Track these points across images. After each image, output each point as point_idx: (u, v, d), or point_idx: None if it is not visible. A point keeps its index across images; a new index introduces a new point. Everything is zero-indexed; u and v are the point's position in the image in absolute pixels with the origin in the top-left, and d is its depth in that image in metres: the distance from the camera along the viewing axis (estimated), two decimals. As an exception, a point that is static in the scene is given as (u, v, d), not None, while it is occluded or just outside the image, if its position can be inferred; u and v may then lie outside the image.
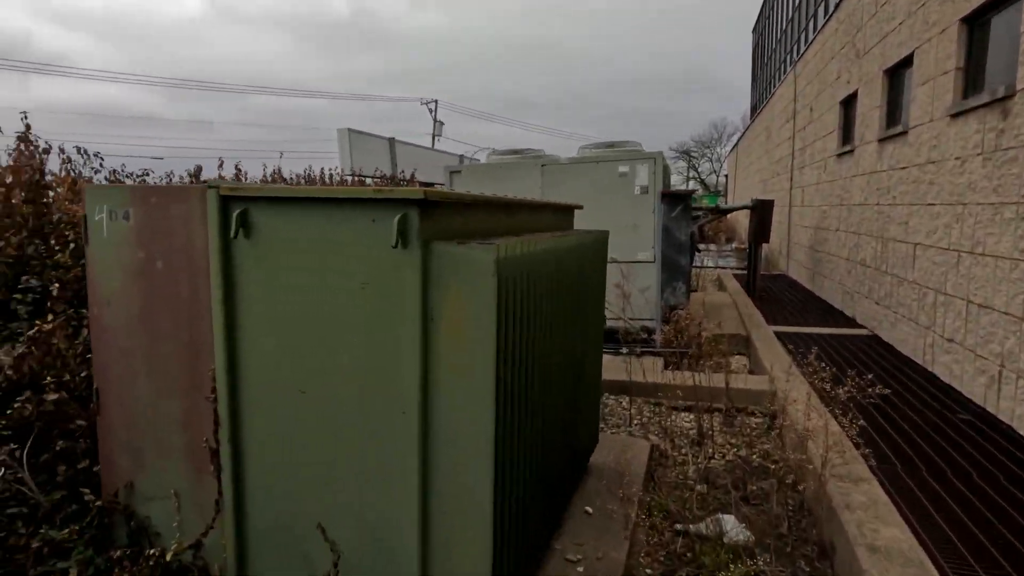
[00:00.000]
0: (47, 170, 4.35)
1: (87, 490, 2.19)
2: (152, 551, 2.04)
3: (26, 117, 4.32)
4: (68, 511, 2.37)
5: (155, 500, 2.09)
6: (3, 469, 2.24)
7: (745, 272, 9.85)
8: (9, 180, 4.02)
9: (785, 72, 16.15)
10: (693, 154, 52.62)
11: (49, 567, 2.17)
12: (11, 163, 4.09)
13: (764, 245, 10.34)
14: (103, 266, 2.03)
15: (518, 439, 1.81)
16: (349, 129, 11.68)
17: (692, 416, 4.31)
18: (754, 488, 3.24)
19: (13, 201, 4.01)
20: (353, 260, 1.68)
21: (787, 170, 12.66)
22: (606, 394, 4.77)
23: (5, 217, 3.85)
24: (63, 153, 4.48)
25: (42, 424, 2.62)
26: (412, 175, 12.62)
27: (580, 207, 3.23)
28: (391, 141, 13.27)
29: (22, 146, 4.18)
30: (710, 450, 3.79)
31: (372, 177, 11.09)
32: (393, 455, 1.71)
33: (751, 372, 5.59)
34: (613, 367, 4.93)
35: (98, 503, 2.14)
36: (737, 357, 6.06)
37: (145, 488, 2.10)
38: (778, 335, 6.16)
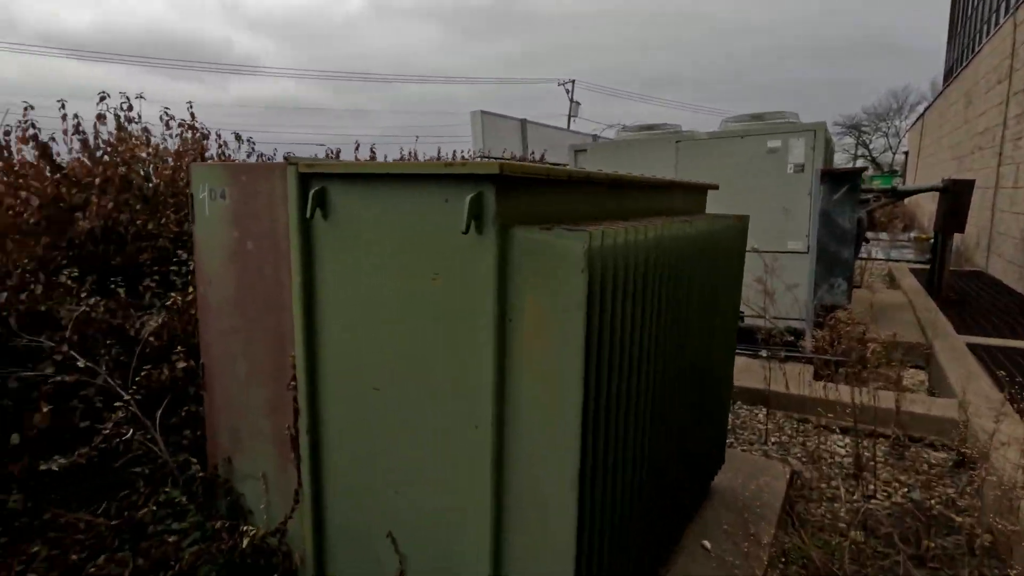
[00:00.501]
0: (208, 154, 4.83)
1: (195, 459, 2.29)
2: (245, 527, 2.06)
3: (191, 107, 4.81)
4: (187, 474, 2.54)
5: (248, 479, 2.11)
6: (132, 430, 2.43)
7: (927, 267, 8.21)
8: (176, 163, 4.52)
9: (998, 21, 13.11)
10: (864, 128, 45.88)
11: (166, 527, 2.33)
12: (178, 148, 4.59)
13: (956, 236, 8.52)
14: (206, 245, 2.05)
15: (613, 450, 1.51)
16: (482, 111, 11.78)
17: (848, 440, 3.59)
18: (932, 546, 2.55)
19: (181, 183, 4.50)
20: (426, 246, 1.47)
21: (994, 143, 10.32)
22: (738, 403, 4.17)
23: (171, 197, 4.32)
24: (219, 138, 4.93)
25: (174, 390, 2.85)
26: (542, 156, 12.41)
27: (715, 187, 2.73)
28: (523, 122, 13.18)
29: (186, 133, 4.66)
30: (871, 486, 3.09)
31: (500, 159, 11.07)
32: (465, 458, 1.51)
33: (931, 393, 4.57)
34: (749, 372, 4.30)
35: (201, 474, 2.22)
36: (912, 371, 5.01)
37: (241, 466, 2.14)
38: (972, 348, 4.97)
